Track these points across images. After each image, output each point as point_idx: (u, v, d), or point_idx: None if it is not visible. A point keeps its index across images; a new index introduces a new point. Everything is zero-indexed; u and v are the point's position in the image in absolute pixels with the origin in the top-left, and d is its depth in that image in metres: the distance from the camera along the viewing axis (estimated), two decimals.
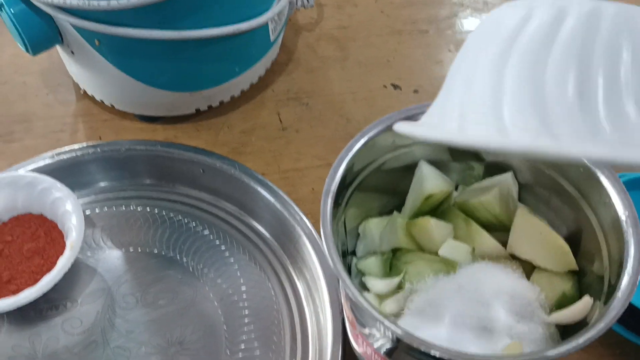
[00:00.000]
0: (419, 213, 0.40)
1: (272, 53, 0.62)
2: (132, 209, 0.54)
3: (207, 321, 0.48)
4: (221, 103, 0.60)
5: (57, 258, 0.49)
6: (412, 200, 0.40)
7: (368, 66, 0.65)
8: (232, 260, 0.51)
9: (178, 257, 0.51)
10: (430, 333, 0.32)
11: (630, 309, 0.37)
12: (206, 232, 0.53)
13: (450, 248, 0.37)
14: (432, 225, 0.38)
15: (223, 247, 0.52)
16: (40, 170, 0.54)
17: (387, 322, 0.31)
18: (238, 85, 0.59)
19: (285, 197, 0.52)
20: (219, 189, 0.55)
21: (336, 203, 0.35)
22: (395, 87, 0.63)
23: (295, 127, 0.60)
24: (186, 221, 0.53)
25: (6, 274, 0.48)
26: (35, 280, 0.48)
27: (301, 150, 0.59)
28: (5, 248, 0.50)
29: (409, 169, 0.41)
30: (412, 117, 0.37)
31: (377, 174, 0.39)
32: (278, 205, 0.52)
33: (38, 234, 0.51)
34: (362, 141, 0.36)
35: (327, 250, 0.32)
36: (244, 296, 0.49)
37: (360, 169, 0.38)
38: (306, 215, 0.50)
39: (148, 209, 0.54)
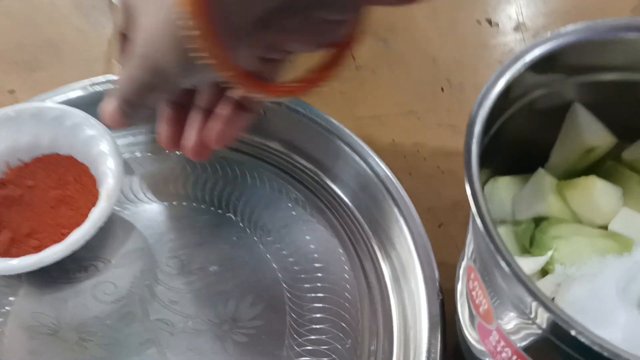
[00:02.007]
0: (572, 172, 0.31)
1: None
2: (177, 155, 0.46)
3: (267, 294, 0.40)
4: None
5: (89, 209, 0.40)
6: (564, 155, 0.30)
7: None
8: (299, 222, 0.42)
9: (232, 215, 0.43)
10: (598, 334, 0.22)
11: None
12: (266, 186, 0.44)
13: (625, 220, 0.28)
14: (599, 188, 0.28)
15: (288, 205, 0.43)
16: (70, 103, 0.45)
17: (562, 314, 0.22)
18: None
19: (366, 147, 0.43)
20: (282, 134, 0.46)
21: None
22: (491, 23, 0.53)
23: (371, 67, 0.51)
24: (242, 172, 0.45)
25: (26, 226, 0.41)
26: (62, 235, 0.40)
27: (378, 95, 0.50)
28: (26, 194, 0.42)
29: (554, 114, 0.31)
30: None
31: (520, 117, 0.29)
32: (356, 158, 0.43)
33: (66, 179, 0.43)
34: (516, 67, 0.26)
35: (476, 212, 0.22)
36: (314, 266, 0.41)
37: (509, 104, 0.28)
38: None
39: None
